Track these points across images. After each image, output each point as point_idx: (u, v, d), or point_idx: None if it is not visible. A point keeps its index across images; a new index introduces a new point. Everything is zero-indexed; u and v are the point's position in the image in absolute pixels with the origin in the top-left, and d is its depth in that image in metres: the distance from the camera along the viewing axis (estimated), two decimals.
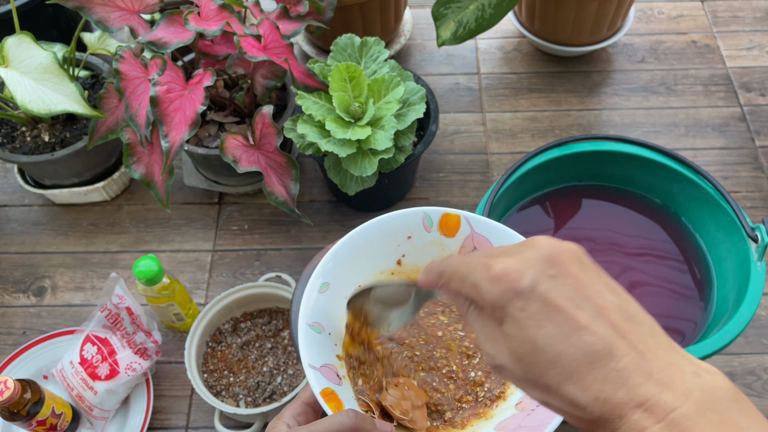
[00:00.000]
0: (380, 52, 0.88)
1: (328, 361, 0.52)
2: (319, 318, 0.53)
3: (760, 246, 0.67)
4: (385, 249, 0.58)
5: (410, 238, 0.58)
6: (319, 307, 0.53)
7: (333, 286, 0.55)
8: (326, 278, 0.54)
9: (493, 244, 0.56)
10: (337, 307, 0.55)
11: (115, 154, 1.02)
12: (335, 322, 0.54)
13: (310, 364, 0.49)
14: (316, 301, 0.53)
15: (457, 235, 0.57)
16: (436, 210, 0.57)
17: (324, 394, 0.48)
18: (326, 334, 0.53)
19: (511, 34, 1.23)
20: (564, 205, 0.82)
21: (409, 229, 0.58)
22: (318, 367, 0.50)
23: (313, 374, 0.49)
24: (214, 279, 0.95)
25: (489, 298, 0.36)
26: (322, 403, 0.48)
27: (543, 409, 0.49)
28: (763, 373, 0.85)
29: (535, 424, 0.48)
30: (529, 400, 0.51)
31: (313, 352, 0.51)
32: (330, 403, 0.48)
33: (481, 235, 0.56)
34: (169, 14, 0.81)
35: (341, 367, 0.53)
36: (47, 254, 0.98)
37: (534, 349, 0.34)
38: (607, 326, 0.34)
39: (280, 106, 0.96)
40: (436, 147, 1.07)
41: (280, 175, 0.84)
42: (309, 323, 0.52)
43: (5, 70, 0.77)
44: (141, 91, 0.79)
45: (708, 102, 1.12)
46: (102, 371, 0.79)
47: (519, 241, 0.52)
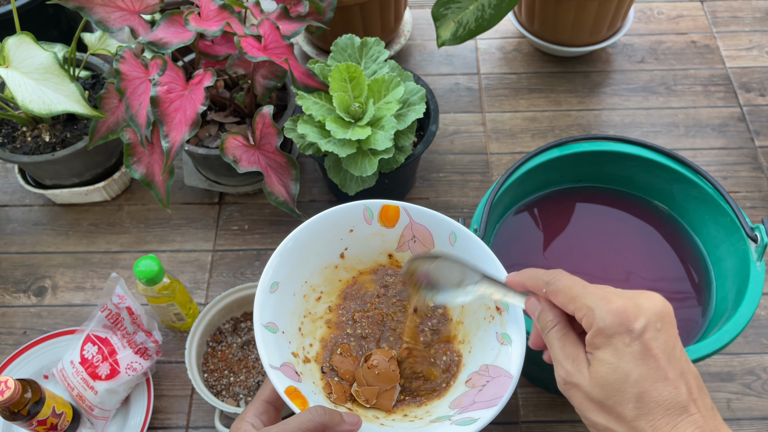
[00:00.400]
0: (380, 52, 0.88)
1: (285, 359, 0.53)
2: (273, 318, 0.54)
3: (759, 246, 0.67)
4: (328, 243, 0.60)
5: (352, 231, 0.60)
6: (271, 307, 0.54)
7: (282, 285, 0.56)
8: (275, 278, 0.56)
9: (432, 234, 0.59)
10: (288, 304, 0.57)
11: (115, 154, 1.02)
12: (287, 320, 0.56)
13: (270, 365, 0.51)
14: (268, 301, 0.54)
15: (396, 225, 0.60)
16: (375, 202, 0.59)
17: (288, 393, 0.50)
18: (280, 333, 0.55)
19: (510, 35, 1.23)
20: (563, 207, 0.82)
21: (351, 222, 0.60)
22: (278, 367, 0.51)
23: (275, 374, 0.50)
24: (215, 279, 0.95)
25: (601, 324, 0.42)
26: (288, 402, 0.49)
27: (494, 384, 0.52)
28: (762, 372, 0.85)
29: (488, 398, 0.51)
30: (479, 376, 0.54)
31: (272, 352, 0.52)
32: (295, 401, 0.49)
33: (420, 224, 0.59)
34: (169, 14, 0.81)
35: (297, 364, 0.55)
36: (48, 254, 0.98)
37: (624, 380, 0.41)
38: (686, 387, 0.41)
39: (280, 107, 0.97)
40: (436, 147, 1.07)
41: (281, 175, 0.84)
42: (264, 324, 0.53)
43: (6, 71, 0.77)
44: (141, 91, 0.79)
45: (707, 102, 1.12)
46: (102, 371, 0.79)
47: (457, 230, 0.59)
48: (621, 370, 0.41)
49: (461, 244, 0.59)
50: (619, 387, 0.41)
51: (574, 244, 0.79)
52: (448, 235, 0.60)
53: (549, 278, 0.47)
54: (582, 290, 0.45)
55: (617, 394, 0.41)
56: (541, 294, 0.48)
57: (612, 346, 0.42)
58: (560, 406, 0.83)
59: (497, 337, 0.57)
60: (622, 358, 0.41)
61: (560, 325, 0.46)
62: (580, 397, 0.44)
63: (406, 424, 0.54)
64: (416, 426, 0.53)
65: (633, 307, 0.42)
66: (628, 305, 0.42)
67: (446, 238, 0.60)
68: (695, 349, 0.63)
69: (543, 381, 0.84)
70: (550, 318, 0.47)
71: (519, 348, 0.54)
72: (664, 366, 0.41)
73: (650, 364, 0.41)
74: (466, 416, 0.51)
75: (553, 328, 0.46)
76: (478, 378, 0.55)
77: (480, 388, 0.54)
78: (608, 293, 0.44)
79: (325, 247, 0.60)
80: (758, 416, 0.82)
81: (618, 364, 0.41)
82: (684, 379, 0.41)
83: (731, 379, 0.85)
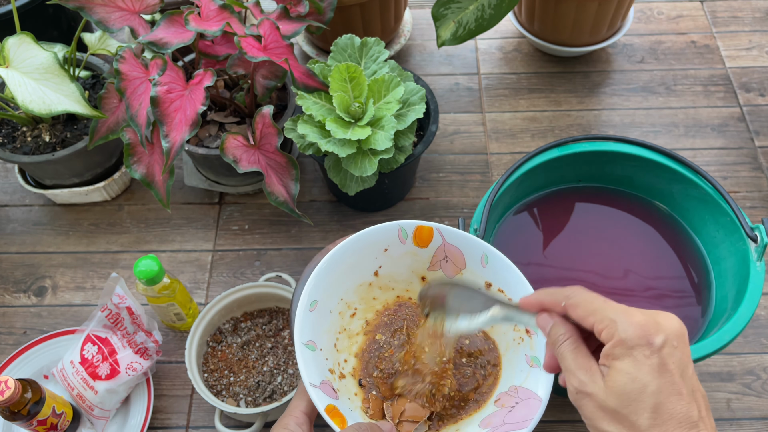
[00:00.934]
0: (380, 52, 0.88)
1: (323, 377, 0.55)
2: (312, 336, 0.56)
3: (759, 246, 0.67)
4: (363, 262, 0.61)
5: (386, 251, 0.62)
6: (310, 326, 0.56)
7: (320, 303, 0.58)
8: (313, 297, 0.57)
9: (464, 254, 0.61)
10: (325, 322, 0.58)
11: (115, 154, 1.02)
12: (324, 337, 0.58)
13: (311, 383, 0.52)
14: (307, 319, 0.56)
15: (429, 245, 0.61)
16: (410, 223, 0.61)
17: (328, 411, 0.51)
18: (318, 350, 0.56)
19: (510, 35, 1.23)
20: (563, 207, 0.82)
21: (386, 242, 0.61)
22: (318, 385, 0.53)
23: (315, 393, 0.52)
24: (215, 279, 0.95)
25: (623, 335, 0.44)
26: (329, 420, 0.51)
27: (523, 405, 0.54)
28: (762, 372, 0.85)
29: (519, 420, 0.53)
30: (508, 397, 0.55)
31: (311, 371, 0.53)
32: (335, 419, 0.51)
33: (452, 245, 0.61)
34: (169, 15, 0.81)
35: (334, 381, 0.56)
36: (48, 254, 0.98)
37: (642, 391, 0.43)
38: (695, 405, 0.43)
39: (280, 107, 0.97)
40: (436, 147, 1.07)
41: (281, 175, 0.84)
42: (304, 342, 0.54)
43: (6, 71, 0.77)
44: (141, 91, 0.79)
45: (707, 102, 1.12)
46: (102, 371, 0.79)
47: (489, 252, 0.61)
48: (639, 381, 0.43)
49: (493, 266, 0.60)
50: (636, 397, 0.43)
51: (574, 244, 0.79)
52: (480, 257, 0.61)
53: (569, 292, 0.49)
54: (603, 304, 0.47)
55: (634, 403, 0.43)
56: (559, 309, 0.49)
57: (632, 357, 0.43)
58: (560, 406, 0.83)
59: (527, 359, 0.58)
60: (641, 369, 0.43)
61: (573, 338, 0.48)
62: (592, 407, 0.45)
63: None
64: None
65: (653, 323, 0.44)
66: (649, 321, 0.44)
67: (478, 259, 0.61)
68: (695, 349, 0.63)
69: None
70: (562, 332, 0.48)
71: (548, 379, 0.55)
72: (678, 381, 0.43)
73: (666, 378, 0.43)
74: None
75: (565, 341, 0.48)
76: (507, 398, 0.56)
77: (509, 409, 0.55)
78: (629, 308, 0.46)
79: (360, 266, 0.61)
80: (758, 416, 0.82)
81: (637, 374, 0.43)
82: (695, 397, 0.43)
83: (731, 379, 0.85)
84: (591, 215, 0.82)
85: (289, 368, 0.83)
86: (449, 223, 0.99)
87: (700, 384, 0.45)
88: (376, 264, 0.62)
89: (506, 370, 0.59)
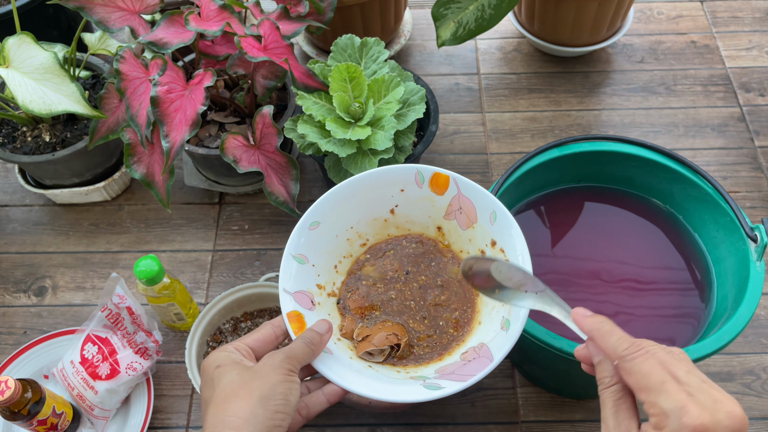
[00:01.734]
0: (380, 52, 0.88)
1: (305, 288, 0.59)
2: (305, 251, 0.60)
3: (759, 246, 0.67)
4: (379, 198, 0.64)
5: (403, 191, 0.63)
6: (306, 242, 0.60)
7: (323, 224, 0.62)
8: (317, 217, 0.61)
9: (476, 208, 0.61)
10: (327, 243, 0.62)
11: (115, 154, 1.02)
12: (323, 256, 0.62)
13: (284, 289, 0.57)
14: (304, 236, 0.60)
15: (445, 193, 0.62)
16: (427, 168, 0.62)
17: (290, 315, 0.55)
18: (309, 265, 0.60)
19: (510, 35, 1.23)
20: (563, 208, 0.82)
21: (402, 182, 0.63)
22: (291, 293, 0.57)
23: (285, 297, 0.57)
24: (215, 279, 0.95)
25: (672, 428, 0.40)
26: (286, 323, 0.55)
27: (476, 363, 0.55)
28: (762, 372, 0.85)
29: (464, 373, 0.54)
30: (473, 352, 0.57)
31: (290, 279, 0.58)
32: (293, 324, 0.55)
33: (466, 197, 0.62)
34: (169, 15, 0.81)
35: (320, 295, 0.60)
36: (48, 254, 0.98)
37: None
38: None
39: (280, 107, 0.97)
40: (436, 147, 1.08)
41: (281, 175, 0.84)
42: (293, 254, 0.59)
43: (6, 71, 0.77)
44: (142, 91, 0.79)
45: (707, 102, 1.12)
46: (103, 371, 0.79)
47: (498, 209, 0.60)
48: None
49: (500, 224, 0.60)
50: None
51: (575, 244, 0.79)
52: (490, 213, 0.61)
53: (625, 352, 0.44)
54: (660, 385, 0.42)
55: None
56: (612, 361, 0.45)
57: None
58: (560, 405, 0.84)
59: (501, 321, 0.58)
60: None
61: (619, 386, 0.44)
62: None
63: (390, 372, 0.57)
64: (394, 376, 0.56)
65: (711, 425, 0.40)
66: (707, 422, 0.40)
67: (488, 215, 0.61)
68: (695, 349, 0.63)
69: (543, 381, 0.84)
70: (608, 374, 0.45)
71: (512, 337, 0.55)
72: None
73: None
74: (437, 382, 0.54)
75: (609, 387, 0.44)
76: (471, 353, 0.57)
77: (465, 363, 0.56)
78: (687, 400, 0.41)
79: (375, 200, 0.63)
80: (758, 416, 0.82)
81: None
82: None
83: (731, 379, 0.85)
84: (592, 214, 0.82)
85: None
86: None
87: None
88: (392, 202, 0.64)
89: (481, 328, 0.60)
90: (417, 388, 0.53)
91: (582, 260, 0.77)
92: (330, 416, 0.84)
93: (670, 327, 0.72)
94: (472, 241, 0.63)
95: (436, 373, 0.55)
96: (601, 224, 0.80)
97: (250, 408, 0.45)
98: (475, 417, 0.83)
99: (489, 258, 0.58)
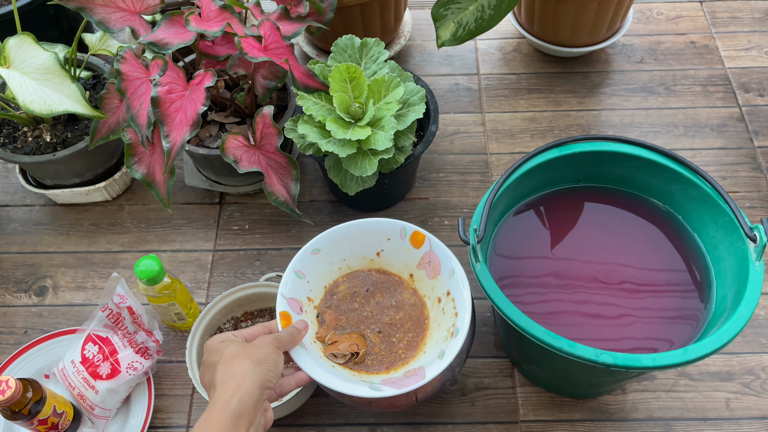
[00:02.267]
0: (380, 52, 0.88)
1: (297, 297, 0.73)
2: (304, 269, 0.74)
3: (758, 246, 0.67)
4: (369, 241, 0.76)
5: (389, 240, 0.76)
6: (306, 262, 0.74)
7: (323, 252, 0.75)
8: (319, 246, 0.75)
9: (441, 263, 0.73)
10: (322, 267, 0.75)
11: (116, 154, 1.02)
12: (317, 276, 0.75)
13: (282, 294, 0.71)
14: (306, 257, 0.74)
15: (420, 248, 0.75)
16: (410, 226, 0.75)
17: (282, 314, 0.69)
18: (305, 281, 0.74)
19: (510, 35, 1.23)
20: (562, 208, 0.82)
21: (390, 233, 0.76)
22: (287, 297, 0.71)
23: (281, 300, 0.70)
24: (215, 278, 0.96)
25: None
26: (277, 319, 0.68)
27: (413, 378, 0.66)
28: (761, 372, 0.85)
29: (402, 384, 0.65)
30: (412, 372, 0.68)
31: (288, 287, 0.72)
32: (282, 321, 0.68)
33: (435, 254, 0.74)
34: (170, 15, 0.81)
35: (307, 305, 0.74)
36: (49, 254, 0.99)
37: None
38: None
39: (280, 107, 0.97)
40: (435, 147, 1.08)
41: (281, 175, 0.84)
42: (294, 269, 0.73)
43: (7, 71, 0.78)
44: (142, 91, 0.79)
45: (707, 102, 1.12)
46: (103, 370, 0.79)
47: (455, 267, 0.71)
48: None
49: (456, 279, 0.71)
50: None
51: (575, 244, 0.79)
52: (449, 270, 0.72)
53: None
54: None
55: None
56: None
57: None
58: (559, 405, 0.84)
59: (439, 353, 0.68)
60: None
61: None
62: None
63: (347, 374, 0.70)
64: (349, 378, 0.68)
65: None
66: None
67: (448, 271, 0.73)
68: (695, 349, 0.63)
69: (543, 381, 0.84)
70: None
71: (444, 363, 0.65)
72: None
73: None
74: (380, 387, 0.65)
75: None
76: (411, 372, 0.68)
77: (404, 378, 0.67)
78: None
79: (366, 243, 0.76)
80: (757, 416, 0.82)
81: None
82: None
83: (730, 379, 0.85)
84: (591, 214, 0.82)
85: (289, 368, 0.83)
86: (449, 223, 0.99)
87: None
88: (379, 247, 0.77)
89: (425, 356, 0.71)
90: (363, 388, 0.65)
91: (581, 261, 0.78)
92: (330, 416, 0.84)
93: (669, 327, 0.72)
94: (434, 289, 0.74)
95: (382, 382, 0.67)
96: (600, 224, 0.80)
97: (251, 366, 0.59)
98: (475, 416, 0.83)
99: None
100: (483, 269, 0.69)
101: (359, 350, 0.72)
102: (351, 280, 0.77)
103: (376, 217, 0.76)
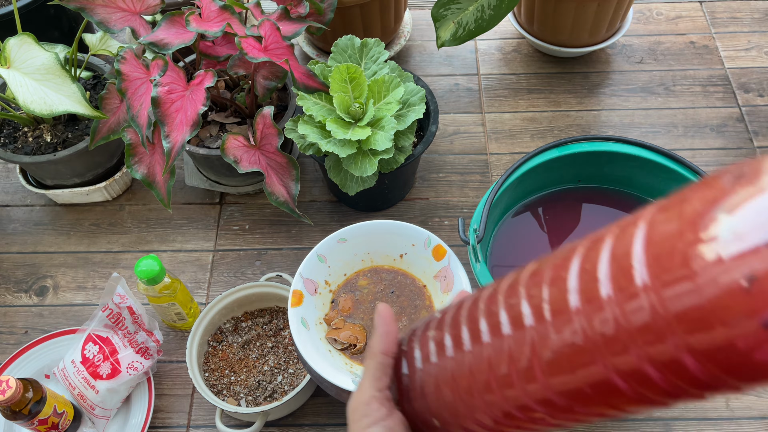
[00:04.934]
0: (380, 53, 0.88)
1: (315, 278, 0.76)
2: (328, 254, 0.77)
3: None
4: (395, 242, 0.79)
5: (413, 246, 0.78)
6: (330, 249, 0.77)
7: (349, 243, 0.78)
8: (346, 236, 0.78)
9: (454, 281, 0.74)
10: (346, 256, 0.78)
11: (116, 154, 1.02)
12: (339, 263, 0.78)
13: (300, 273, 0.74)
14: (332, 244, 0.77)
15: (440, 261, 0.77)
16: (435, 239, 0.77)
17: (294, 292, 0.73)
18: (326, 265, 0.77)
19: (510, 35, 1.23)
20: (563, 207, 0.82)
21: (415, 240, 0.78)
22: (304, 277, 0.75)
23: (298, 279, 0.74)
24: (215, 278, 0.96)
25: None
26: (289, 295, 0.72)
27: None
28: None
29: None
30: None
31: (308, 268, 0.75)
32: (293, 298, 0.72)
33: (452, 270, 0.76)
34: (170, 15, 0.81)
35: (323, 287, 0.77)
36: (49, 254, 0.99)
37: None
38: None
39: (280, 107, 0.97)
40: (435, 147, 1.08)
41: (281, 175, 0.84)
42: (318, 253, 0.77)
43: (7, 71, 0.78)
44: (142, 91, 0.80)
45: (706, 102, 1.12)
46: (103, 370, 0.79)
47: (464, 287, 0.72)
48: None
49: None
50: None
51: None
52: (460, 290, 0.73)
53: None
54: None
55: None
56: None
57: None
58: None
59: None
60: None
61: None
62: None
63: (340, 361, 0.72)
64: (340, 365, 0.71)
65: None
66: None
67: (459, 289, 0.73)
68: None
69: None
70: None
71: None
72: None
73: None
74: None
75: None
76: None
77: None
78: None
79: (392, 243, 0.79)
80: (757, 415, 0.82)
81: None
82: None
83: None
84: (591, 215, 0.82)
85: (290, 367, 0.83)
86: (449, 223, 0.99)
87: None
88: (403, 249, 0.79)
89: None
90: (346, 379, 0.67)
91: None
92: (331, 415, 0.84)
93: None
94: (443, 303, 0.76)
95: None
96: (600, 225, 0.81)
97: None
98: None
99: None
100: (483, 269, 0.69)
101: (357, 342, 0.73)
102: (373, 275, 0.80)
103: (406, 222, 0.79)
